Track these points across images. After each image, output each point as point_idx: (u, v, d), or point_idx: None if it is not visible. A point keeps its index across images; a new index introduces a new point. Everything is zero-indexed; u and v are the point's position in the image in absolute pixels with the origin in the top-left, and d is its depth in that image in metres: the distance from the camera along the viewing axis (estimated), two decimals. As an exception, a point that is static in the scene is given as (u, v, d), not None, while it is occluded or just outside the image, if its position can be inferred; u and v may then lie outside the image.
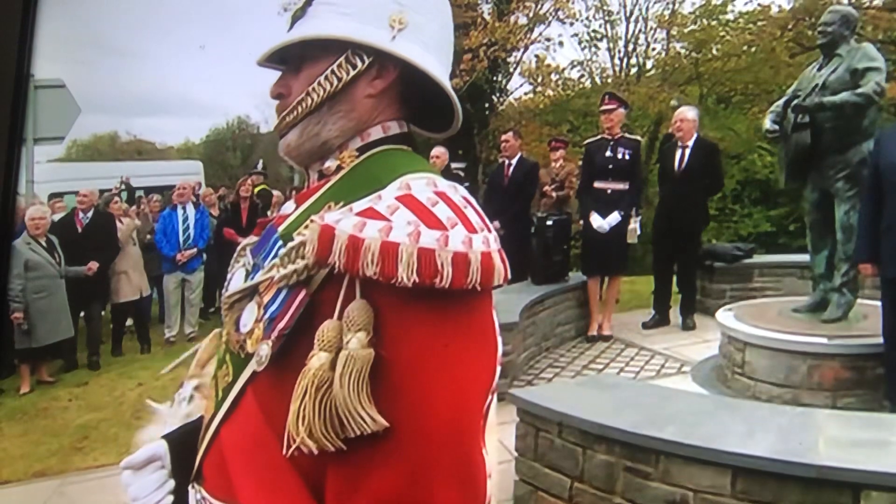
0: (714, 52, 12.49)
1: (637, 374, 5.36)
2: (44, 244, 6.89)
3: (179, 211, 8.53)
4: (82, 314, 7.70)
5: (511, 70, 13.69)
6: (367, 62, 1.04)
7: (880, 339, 4.33)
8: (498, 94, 13.81)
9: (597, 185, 6.27)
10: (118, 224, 8.02)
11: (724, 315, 5.11)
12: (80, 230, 7.71)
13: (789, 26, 12.17)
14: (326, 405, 0.85)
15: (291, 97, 1.08)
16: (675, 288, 6.71)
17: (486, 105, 13.49)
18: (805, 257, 5.39)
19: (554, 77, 13.01)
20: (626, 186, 6.23)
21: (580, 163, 7.09)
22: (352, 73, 1.04)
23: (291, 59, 1.09)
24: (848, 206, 4.61)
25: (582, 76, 13.56)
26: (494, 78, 13.21)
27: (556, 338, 6.24)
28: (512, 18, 12.16)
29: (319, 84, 1.05)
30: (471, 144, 12.68)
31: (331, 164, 1.07)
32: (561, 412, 3.35)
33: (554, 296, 6.22)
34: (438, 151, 7.55)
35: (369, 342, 0.85)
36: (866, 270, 4.26)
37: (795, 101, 4.63)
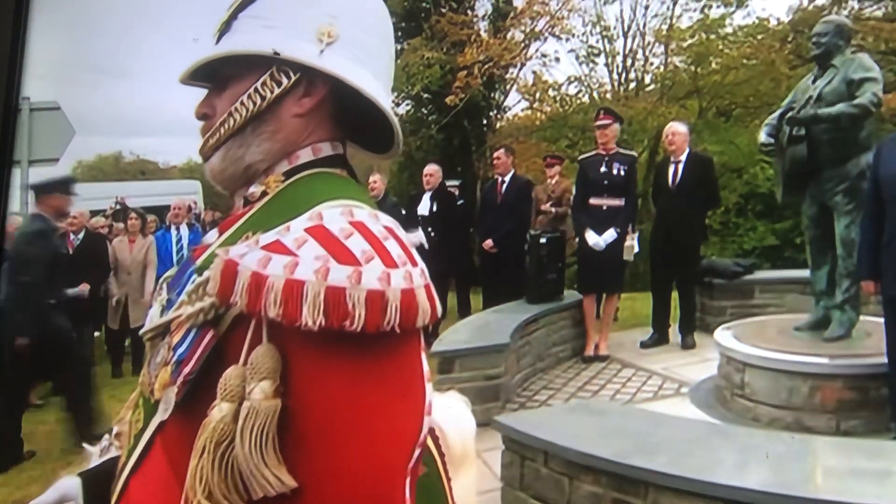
0: (713, 65, 12.42)
1: (633, 396, 5.19)
2: (35, 266, 6.80)
3: (173, 232, 8.45)
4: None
5: (508, 87, 13.68)
6: (293, 79, 0.95)
7: (884, 359, 4.17)
8: (495, 111, 13.79)
9: (592, 201, 6.14)
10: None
11: (723, 334, 4.95)
12: (70, 252, 7.63)
13: (788, 38, 12.11)
14: (228, 463, 0.76)
15: (216, 117, 0.99)
16: (675, 305, 6.56)
17: (484, 122, 13.45)
18: (807, 272, 5.23)
19: (551, 93, 12.98)
20: (622, 203, 6.10)
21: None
22: (276, 90, 0.95)
23: (218, 77, 0.99)
24: (848, 220, 4.47)
25: (579, 91, 13.53)
26: (491, 95, 13.18)
27: (550, 358, 6.08)
28: (508, 35, 12.14)
29: (242, 103, 0.96)
30: (468, 161, 12.63)
31: (255, 189, 0.98)
32: (546, 440, 3.22)
33: (548, 315, 6.07)
34: (431, 169, 7.50)
35: (275, 392, 0.76)
36: (868, 288, 4.10)
37: (790, 114, 4.51)
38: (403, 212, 7.82)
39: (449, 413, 1.29)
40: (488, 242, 6.97)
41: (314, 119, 0.99)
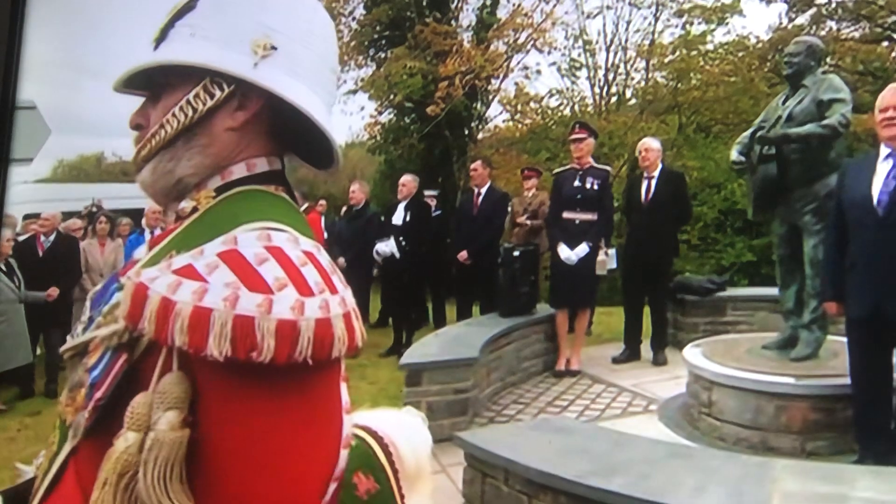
0: (694, 81, 12.51)
1: (602, 413, 5.16)
2: (3, 268, 6.70)
3: (147, 235, 8.33)
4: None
5: (490, 98, 13.70)
6: (226, 91, 0.92)
7: (850, 380, 4.18)
8: (477, 122, 13.78)
9: (565, 215, 6.11)
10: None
11: (692, 352, 4.93)
12: (40, 254, 7.51)
13: (768, 57, 12.23)
14: (130, 496, 0.74)
15: (149, 128, 0.96)
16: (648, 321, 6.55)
17: (466, 132, 13.44)
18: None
19: (533, 105, 13.01)
20: (595, 217, 6.07)
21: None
22: (209, 103, 0.92)
23: (154, 86, 0.97)
24: (816, 241, 4.47)
25: (561, 104, 13.58)
26: (473, 105, 13.19)
27: (522, 373, 6.03)
28: (491, 47, 12.15)
29: (174, 115, 0.93)
30: (450, 171, 12.61)
31: (185, 205, 0.96)
32: (506, 458, 3.19)
33: (521, 329, 6.03)
34: (405, 179, 7.48)
35: (183, 423, 0.75)
36: (831, 309, 4.10)
37: (760, 133, 4.51)
38: (383, 218, 7.78)
39: (403, 429, 1.28)
40: (463, 254, 6.93)
41: (249, 133, 0.96)
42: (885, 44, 12.91)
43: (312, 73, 0.97)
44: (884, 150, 3.71)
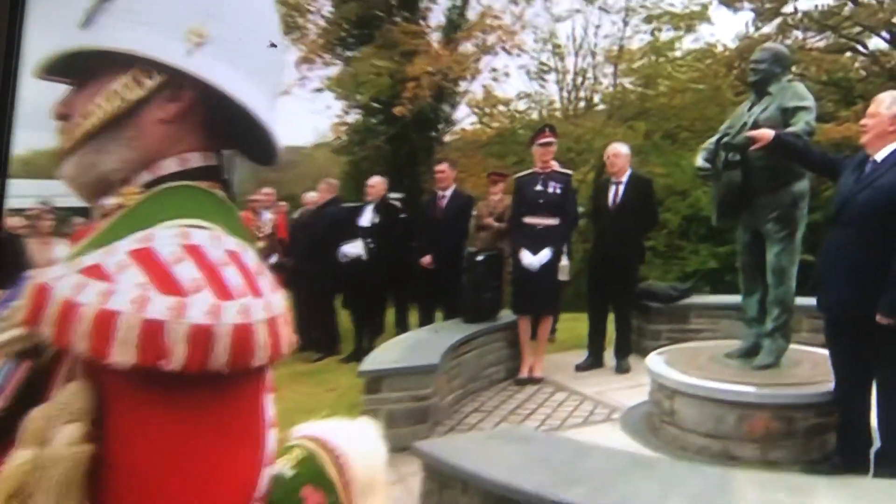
0: (661, 88, 12.59)
1: (564, 422, 5.08)
2: (-54, 268, 6.42)
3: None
4: None
5: (458, 100, 13.61)
6: (157, 81, 0.84)
7: (812, 389, 4.20)
8: (444, 124, 13.68)
9: (527, 220, 6.02)
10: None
11: (655, 360, 4.88)
12: (-12, 253, 7.22)
13: (735, 65, 12.35)
14: None
15: (74, 119, 0.88)
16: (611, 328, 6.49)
17: (433, 134, 13.34)
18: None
19: (501, 108, 12.97)
20: (557, 222, 6.00)
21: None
22: (137, 93, 0.84)
23: (81, 74, 0.89)
24: (779, 248, 4.47)
25: (529, 108, 13.56)
26: (440, 107, 13.09)
27: (484, 380, 5.93)
28: (460, 48, 12.07)
29: (99, 105, 0.85)
30: (416, 173, 12.47)
31: (110, 202, 0.88)
32: (464, 469, 3.10)
33: (483, 335, 5.93)
34: (374, 181, 7.35)
35: (85, 437, 0.68)
36: None
37: (725, 139, 4.49)
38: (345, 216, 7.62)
39: (356, 440, 1.19)
40: (427, 259, 6.80)
41: (183, 126, 0.89)
42: (849, 54, 13.17)
43: (253, 63, 0.90)
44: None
